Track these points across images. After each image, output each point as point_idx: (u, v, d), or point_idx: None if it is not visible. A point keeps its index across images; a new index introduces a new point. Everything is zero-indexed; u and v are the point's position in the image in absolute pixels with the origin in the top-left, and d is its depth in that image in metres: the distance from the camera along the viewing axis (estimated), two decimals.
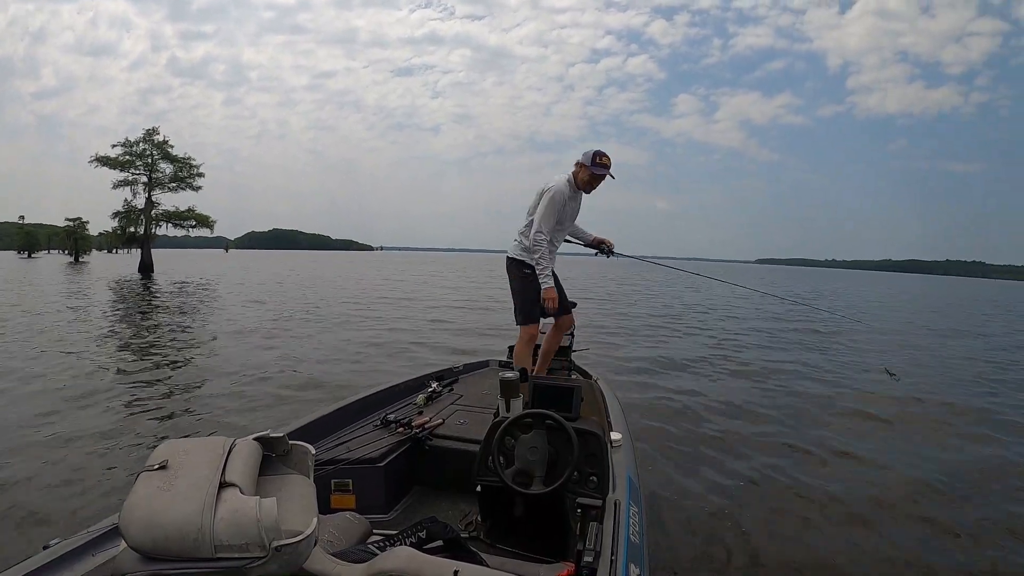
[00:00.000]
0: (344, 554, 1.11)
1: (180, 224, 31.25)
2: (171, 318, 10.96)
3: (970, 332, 13.92)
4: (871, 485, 3.51)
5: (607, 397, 2.87)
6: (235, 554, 0.87)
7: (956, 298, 33.28)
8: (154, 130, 30.24)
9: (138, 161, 29.93)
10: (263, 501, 0.90)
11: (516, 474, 1.76)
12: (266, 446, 1.11)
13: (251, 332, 9.15)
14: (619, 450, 1.99)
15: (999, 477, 3.75)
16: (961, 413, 5.53)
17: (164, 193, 30.63)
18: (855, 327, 11.65)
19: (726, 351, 8.77)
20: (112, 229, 31.25)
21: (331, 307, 13.35)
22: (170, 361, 6.79)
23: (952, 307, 24.99)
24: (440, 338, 9.04)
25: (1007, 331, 14.61)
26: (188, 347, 7.85)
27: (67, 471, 3.31)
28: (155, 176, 30.34)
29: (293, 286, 20.86)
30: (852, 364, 8.09)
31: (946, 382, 7.20)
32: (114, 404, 4.78)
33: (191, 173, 31.09)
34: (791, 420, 5.04)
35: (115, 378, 5.79)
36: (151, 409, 4.71)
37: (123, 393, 5.17)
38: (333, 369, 6.51)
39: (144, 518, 0.88)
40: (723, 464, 3.77)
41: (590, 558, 1.27)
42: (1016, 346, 11.35)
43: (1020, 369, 8.53)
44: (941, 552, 2.71)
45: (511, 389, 2.23)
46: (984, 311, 23.12)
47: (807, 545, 2.72)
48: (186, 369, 6.42)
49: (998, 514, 3.15)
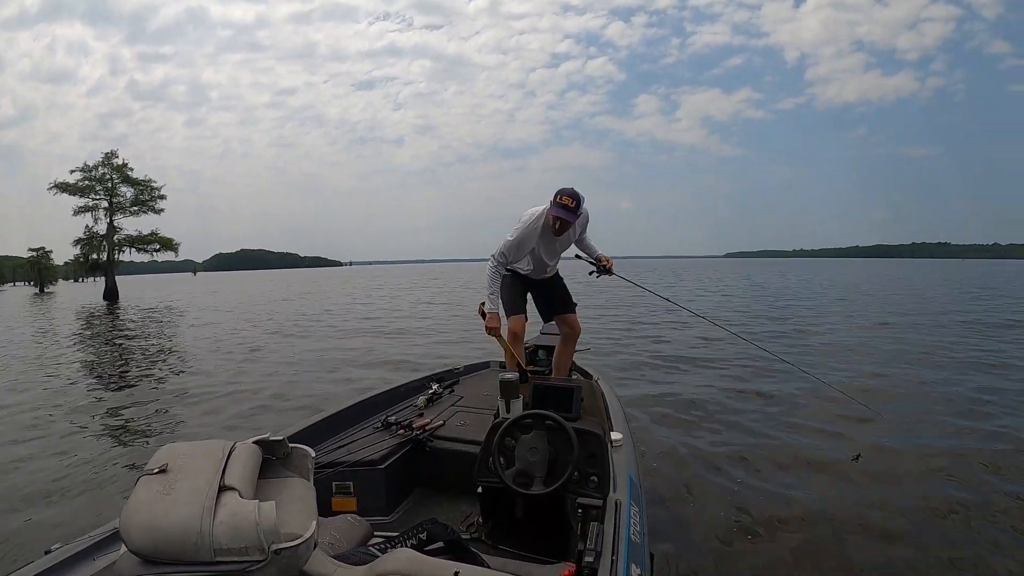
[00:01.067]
0: (345, 556, 1.12)
1: (144, 248, 30.50)
2: (133, 343, 10.53)
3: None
4: (874, 488, 3.50)
5: (607, 397, 2.87)
6: (234, 557, 0.87)
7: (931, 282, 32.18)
8: (113, 153, 29.51)
9: (98, 186, 29.16)
10: (262, 504, 0.91)
11: (517, 475, 1.77)
12: (266, 449, 1.12)
13: (215, 356, 8.68)
14: (620, 450, 1.99)
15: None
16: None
17: (126, 217, 29.93)
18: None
19: (723, 352, 8.77)
20: (75, 257, 30.46)
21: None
22: (130, 391, 6.38)
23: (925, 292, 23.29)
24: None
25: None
26: (143, 376, 7.33)
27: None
28: (116, 200, 29.59)
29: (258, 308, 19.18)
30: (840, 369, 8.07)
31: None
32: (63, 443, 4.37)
33: (152, 196, 30.31)
34: (792, 421, 5.04)
35: (68, 415, 5.32)
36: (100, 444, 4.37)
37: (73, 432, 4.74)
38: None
39: (144, 522, 0.88)
40: (724, 464, 3.76)
41: (591, 558, 1.27)
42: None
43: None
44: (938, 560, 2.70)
45: (511, 390, 2.23)
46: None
47: (808, 546, 2.72)
48: (144, 396, 6.05)
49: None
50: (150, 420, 5.04)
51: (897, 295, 20.12)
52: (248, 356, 8.47)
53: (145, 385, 6.60)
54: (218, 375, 6.97)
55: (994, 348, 8.24)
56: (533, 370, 3.28)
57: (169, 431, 4.61)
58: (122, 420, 5.09)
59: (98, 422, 5.01)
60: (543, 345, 3.68)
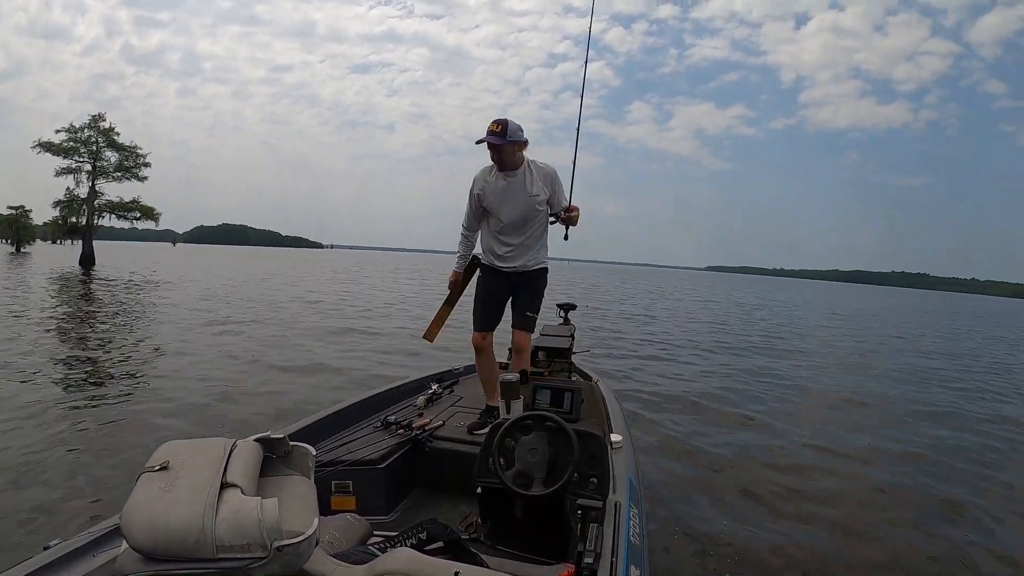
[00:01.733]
0: (345, 555, 1.12)
1: (124, 216, 29.32)
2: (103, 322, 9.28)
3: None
4: (878, 491, 3.52)
5: (607, 399, 2.87)
6: (236, 554, 0.87)
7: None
8: (100, 116, 28.23)
9: (82, 148, 27.73)
10: (265, 502, 0.91)
11: (516, 476, 1.76)
12: (267, 447, 1.12)
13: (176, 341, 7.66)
14: (620, 451, 1.99)
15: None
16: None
17: (109, 183, 28.61)
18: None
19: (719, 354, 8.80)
20: (53, 219, 29.02)
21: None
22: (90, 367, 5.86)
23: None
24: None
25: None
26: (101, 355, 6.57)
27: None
28: (99, 164, 28.15)
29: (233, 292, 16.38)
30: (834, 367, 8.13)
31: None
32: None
33: (137, 163, 28.90)
34: (792, 420, 5.05)
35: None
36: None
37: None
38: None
39: (146, 519, 0.88)
40: (724, 465, 3.77)
41: (590, 560, 1.27)
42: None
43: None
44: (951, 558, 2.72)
45: (511, 391, 2.23)
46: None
47: (808, 548, 2.72)
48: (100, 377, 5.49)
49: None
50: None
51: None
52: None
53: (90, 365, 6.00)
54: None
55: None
56: (533, 371, 3.28)
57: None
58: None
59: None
60: (543, 347, 3.68)
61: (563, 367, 3.60)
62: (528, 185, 2.68)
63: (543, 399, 2.08)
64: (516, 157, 2.63)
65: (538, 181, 2.69)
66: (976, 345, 15.19)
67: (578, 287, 29.06)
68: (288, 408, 4.43)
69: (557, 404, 2.05)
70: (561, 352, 3.67)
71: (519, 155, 2.64)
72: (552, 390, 2.09)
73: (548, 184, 2.71)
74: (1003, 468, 4.18)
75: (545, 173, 2.70)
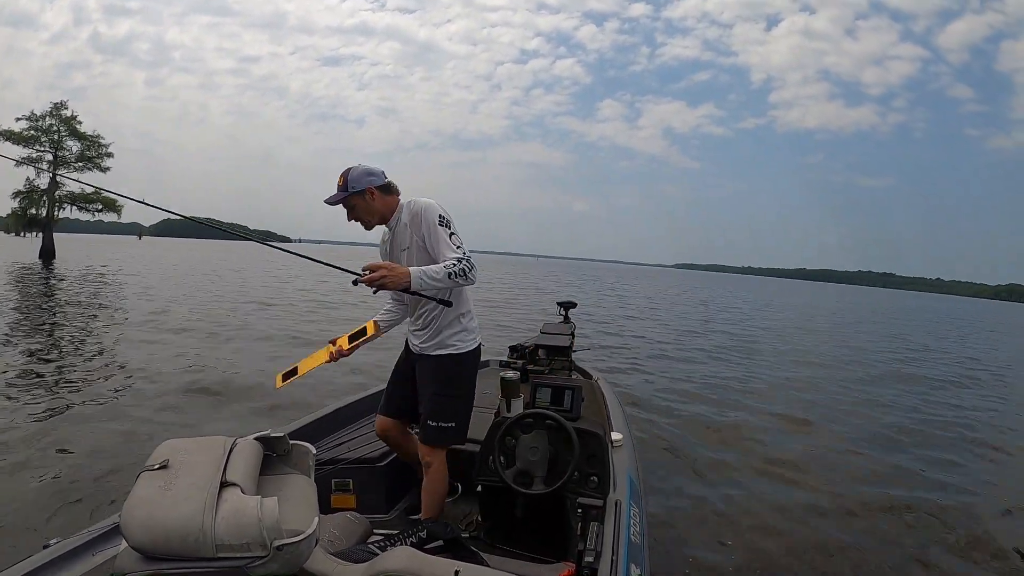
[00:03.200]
0: (345, 554, 1.11)
1: (86, 208, 27.84)
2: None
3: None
4: (875, 488, 3.52)
5: (608, 397, 2.87)
6: (236, 553, 0.87)
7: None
8: (62, 104, 27.02)
9: (43, 137, 26.39)
10: (264, 501, 0.90)
11: (517, 474, 1.76)
12: (267, 446, 1.11)
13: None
14: (620, 450, 1.98)
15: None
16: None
17: (71, 173, 27.37)
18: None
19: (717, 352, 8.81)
20: (13, 210, 27.52)
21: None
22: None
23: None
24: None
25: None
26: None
27: None
28: (61, 154, 26.71)
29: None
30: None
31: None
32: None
33: (100, 152, 27.54)
34: (793, 421, 5.05)
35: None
36: None
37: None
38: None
39: (145, 518, 0.88)
40: (725, 465, 3.76)
41: (591, 558, 1.26)
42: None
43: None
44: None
45: (512, 389, 2.22)
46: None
47: (808, 547, 2.72)
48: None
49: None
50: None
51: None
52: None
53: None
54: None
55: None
56: (533, 370, 3.27)
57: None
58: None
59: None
60: (543, 345, 3.67)
61: (563, 365, 3.59)
62: (401, 239, 1.98)
63: (543, 397, 2.08)
64: (382, 206, 1.96)
65: (408, 229, 1.94)
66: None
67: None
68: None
69: (557, 402, 2.05)
70: (561, 350, 3.66)
71: (388, 202, 1.96)
72: (552, 388, 2.09)
73: (417, 229, 1.90)
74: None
75: (413, 214, 1.92)
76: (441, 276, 1.74)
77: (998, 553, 2.77)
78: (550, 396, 2.07)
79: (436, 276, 1.74)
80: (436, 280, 1.74)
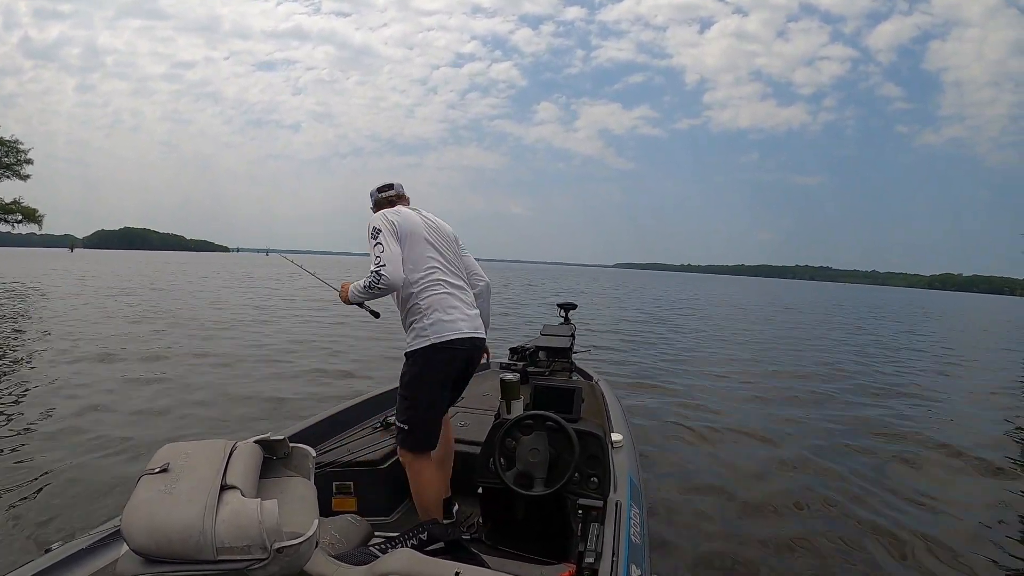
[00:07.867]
0: (346, 556, 1.12)
1: (4, 219, 26.12)
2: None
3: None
4: (874, 490, 3.51)
5: (608, 398, 2.87)
6: (237, 556, 0.87)
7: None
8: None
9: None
10: (264, 503, 0.91)
11: (517, 476, 1.76)
12: (267, 449, 1.12)
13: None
14: (620, 451, 1.98)
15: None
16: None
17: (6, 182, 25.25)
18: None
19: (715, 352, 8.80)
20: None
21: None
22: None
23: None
24: None
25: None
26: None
27: None
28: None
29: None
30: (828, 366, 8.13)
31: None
32: None
33: (18, 159, 25.68)
34: (793, 420, 5.04)
35: None
36: None
37: None
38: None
39: (146, 521, 0.88)
40: (725, 465, 3.76)
41: (591, 559, 1.26)
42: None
43: None
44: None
45: (512, 391, 2.22)
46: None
47: (807, 547, 2.71)
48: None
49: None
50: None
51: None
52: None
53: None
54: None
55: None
56: (533, 371, 3.28)
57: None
58: None
59: None
60: (543, 346, 3.67)
61: (564, 367, 3.59)
62: None
63: (543, 399, 2.07)
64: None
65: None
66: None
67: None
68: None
69: (557, 404, 2.04)
70: (562, 352, 3.66)
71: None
72: (552, 390, 2.09)
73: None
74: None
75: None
76: (361, 289, 1.90)
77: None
78: (550, 398, 2.07)
79: (358, 289, 1.90)
80: (359, 293, 1.91)
